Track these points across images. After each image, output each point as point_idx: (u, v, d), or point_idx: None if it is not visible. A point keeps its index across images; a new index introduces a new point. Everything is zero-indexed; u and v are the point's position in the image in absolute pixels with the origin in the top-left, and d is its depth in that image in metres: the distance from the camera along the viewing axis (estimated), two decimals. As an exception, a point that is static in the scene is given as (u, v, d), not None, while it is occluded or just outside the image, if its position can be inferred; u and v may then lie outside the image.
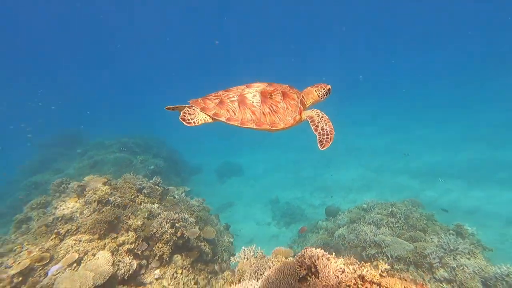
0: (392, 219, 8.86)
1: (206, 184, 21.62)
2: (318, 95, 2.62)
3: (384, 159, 21.36)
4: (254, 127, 2.25)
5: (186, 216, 6.24)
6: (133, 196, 6.64)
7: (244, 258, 5.20)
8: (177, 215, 5.89)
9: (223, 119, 2.23)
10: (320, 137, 2.26)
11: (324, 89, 2.62)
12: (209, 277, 6.23)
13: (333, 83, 2.66)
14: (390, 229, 8.56)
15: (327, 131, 2.28)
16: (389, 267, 3.25)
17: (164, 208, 6.94)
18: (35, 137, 24.93)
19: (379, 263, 3.24)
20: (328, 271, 2.84)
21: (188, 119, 2.25)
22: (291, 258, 3.78)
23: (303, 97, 2.52)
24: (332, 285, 2.55)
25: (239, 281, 4.04)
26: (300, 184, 20.12)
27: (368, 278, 2.41)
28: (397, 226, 8.65)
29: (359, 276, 2.41)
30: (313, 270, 2.98)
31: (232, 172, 23.04)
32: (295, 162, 22.92)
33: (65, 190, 8.89)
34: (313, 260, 3.00)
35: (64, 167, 17.13)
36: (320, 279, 2.80)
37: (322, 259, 2.99)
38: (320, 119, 2.37)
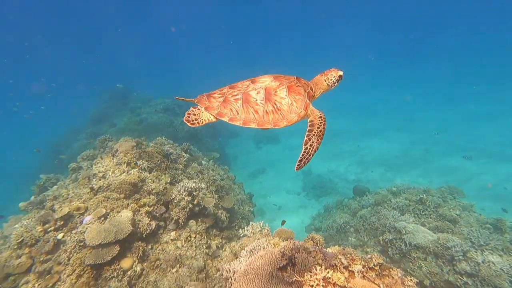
0: (420, 206, 8.46)
1: (242, 148, 22.19)
2: (328, 84, 2.44)
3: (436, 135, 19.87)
4: (256, 127, 2.24)
5: (203, 185, 6.59)
6: (159, 161, 7.12)
7: (252, 233, 5.46)
8: (194, 184, 6.23)
9: (226, 119, 2.24)
10: (303, 157, 2.18)
11: (334, 76, 2.42)
12: (223, 242, 6.67)
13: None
14: (415, 216, 8.23)
15: (311, 152, 2.21)
16: (382, 261, 3.21)
17: (186, 175, 7.38)
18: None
19: (373, 256, 3.21)
20: (304, 266, 2.91)
21: (193, 120, 2.33)
22: (283, 244, 3.89)
23: (311, 89, 2.38)
24: (301, 282, 2.63)
25: (236, 257, 4.30)
26: (338, 157, 19.71)
27: (332, 280, 2.44)
28: (424, 214, 8.26)
29: (323, 278, 2.44)
30: (293, 261, 3.07)
31: (269, 139, 23.22)
32: (335, 134, 22.23)
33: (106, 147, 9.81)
34: (294, 253, 3.07)
35: (118, 121, 18.67)
36: (295, 271, 2.89)
37: (302, 252, 3.05)
38: (318, 132, 2.27)
